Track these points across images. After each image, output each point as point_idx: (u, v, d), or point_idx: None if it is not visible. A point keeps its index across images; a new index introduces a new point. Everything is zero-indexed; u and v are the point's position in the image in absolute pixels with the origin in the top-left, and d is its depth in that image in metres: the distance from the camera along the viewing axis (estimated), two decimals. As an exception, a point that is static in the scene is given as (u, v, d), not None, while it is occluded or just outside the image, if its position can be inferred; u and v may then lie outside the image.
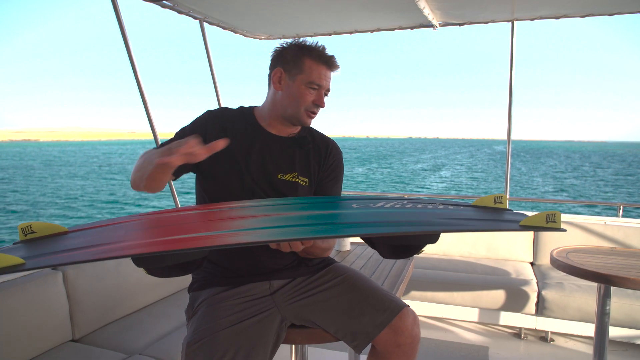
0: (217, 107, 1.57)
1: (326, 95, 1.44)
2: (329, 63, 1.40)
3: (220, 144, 1.07)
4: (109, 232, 1.08)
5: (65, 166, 44.03)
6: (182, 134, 1.39)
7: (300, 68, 1.38)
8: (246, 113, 1.49)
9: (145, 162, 1.18)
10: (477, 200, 1.26)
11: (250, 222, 1.09)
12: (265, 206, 1.25)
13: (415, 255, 2.21)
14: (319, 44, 1.41)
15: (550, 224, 1.00)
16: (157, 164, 1.06)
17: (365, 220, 1.11)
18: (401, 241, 1.19)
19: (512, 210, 1.22)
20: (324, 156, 1.50)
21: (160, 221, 1.16)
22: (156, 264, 0.98)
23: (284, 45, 1.43)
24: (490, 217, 1.14)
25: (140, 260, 0.97)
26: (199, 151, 1.04)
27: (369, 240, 1.27)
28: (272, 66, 1.44)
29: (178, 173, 1.35)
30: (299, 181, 1.43)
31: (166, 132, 1.75)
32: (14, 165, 45.12)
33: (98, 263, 2.19)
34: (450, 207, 1.21)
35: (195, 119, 1.45)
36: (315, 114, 1.43)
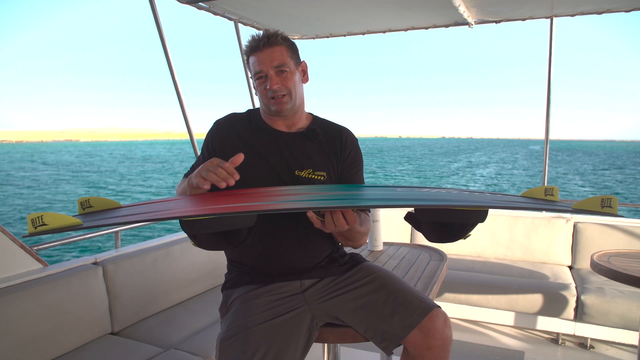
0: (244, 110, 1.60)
1: (282, 72, 1.40)
2: (257, 47, 1.40)
3: (239, 158, 1.21)
4: (161, 204, 1.14)
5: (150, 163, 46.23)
6: (203, 149, 1.50)
7: (250, 68, 1.45)
8: (253, 115, 1.52)
9: (188, 187, 1.31)
10: (526, 192, 1.21)
11: (296, 197, 1.15)
12: (309, 188, 1.32)
13: (449, 257, 2.18)
14: (256, 34, 1.42)
15: (606, 208, 0.98)
16: (195, 186, 1.19)
17: (413, 197, 1.14)
18: (449, 217, 1.12)
19: (562, 201, 1.21)
20: (339, 148, 1.50)
21: (209, 196, 1.22)
22: (203, 229, 1.03)
23: None
24: (541, 201, 1.13)
25: (188, 226, 1.00)
26: (229, 175, 1.17)
27: (415, 221, 1.22)
28: None
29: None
30: (316, 177, 1.43)
31: (201, 132, 1.80)
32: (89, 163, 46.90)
33: (136, 258, 2.26)
34: (498, 195, 1.22)
35: (207, 133, 1.50)
36: (276, 97, 1.40)
